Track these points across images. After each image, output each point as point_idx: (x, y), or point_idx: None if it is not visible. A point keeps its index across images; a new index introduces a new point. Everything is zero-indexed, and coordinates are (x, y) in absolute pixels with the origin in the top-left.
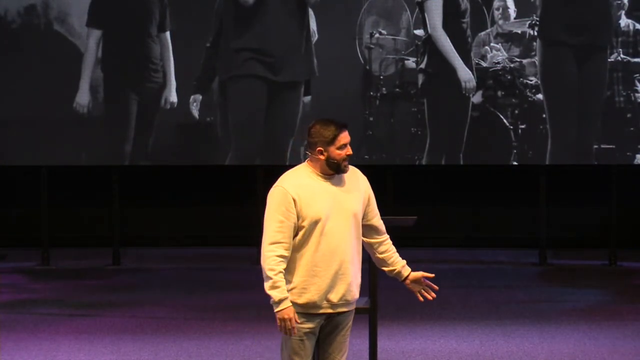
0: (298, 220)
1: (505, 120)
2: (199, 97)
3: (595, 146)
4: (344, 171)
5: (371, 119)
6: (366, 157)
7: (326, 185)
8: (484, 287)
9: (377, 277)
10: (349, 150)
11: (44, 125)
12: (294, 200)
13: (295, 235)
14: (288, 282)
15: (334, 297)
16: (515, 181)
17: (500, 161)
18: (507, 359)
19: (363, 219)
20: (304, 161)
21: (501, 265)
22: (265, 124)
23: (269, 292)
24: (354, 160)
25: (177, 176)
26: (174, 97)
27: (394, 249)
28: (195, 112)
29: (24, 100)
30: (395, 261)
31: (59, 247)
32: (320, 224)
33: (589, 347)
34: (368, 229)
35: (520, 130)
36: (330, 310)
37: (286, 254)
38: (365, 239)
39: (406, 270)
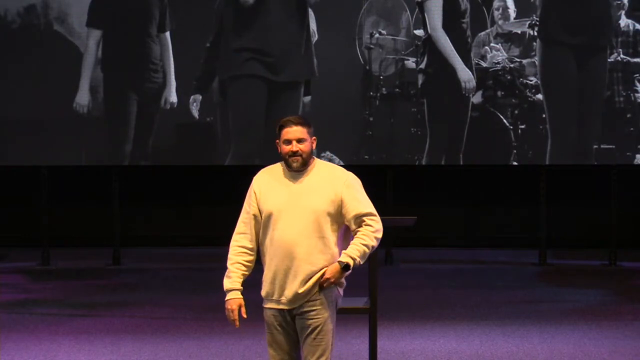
0: (259, 213)
1: (505, 120)
2: (199, 97)
3: (595, 146)
4: (292, 167)
5: (371, 119)
6: (366, 157)
7: (287, 182)
8: (484, 287)
9: (377, 277)
10: (293, 147)
11: (44, 125)
12: (255, 193)
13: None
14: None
15: (287, 292)
16: (515, 181)
17: (500, 161)
18: (507, 359)
19: (344, 218)
20: None
21: (501, 265)
22: (265, 124)
23: (224, 280)
24: (353, 161)
25: (177, 176)
26: (174, 97)
27: (357, 241)
28: (195, 112)
29: (24, 100)
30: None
31: (59, 247)
32: (273, 219)
33: (589, 347)
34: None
35: (520, 130)
36: (285, 307)
37: (250, 245)
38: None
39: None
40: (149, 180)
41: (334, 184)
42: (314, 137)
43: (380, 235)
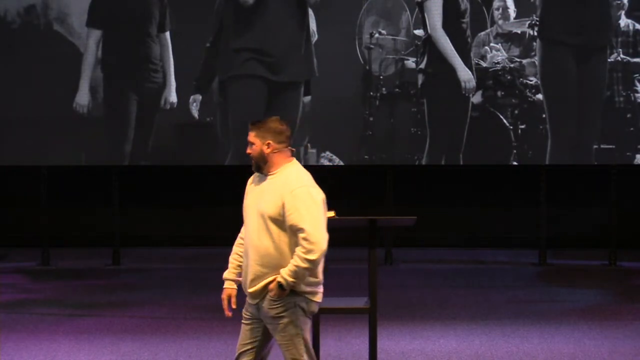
0: None
1: (505, 120)
2: (199, 97)
3: (595, 146)
4: (253, 169)
5: (371, 119)
6: (366, 157)
7: (257, 183)
8: (484, 287)
9: (377, 277)
10: (248, 149)
11: (44, 125)
12: (245, 193)
13: None
14: None
15: (247, 289)
16: (515, 181)
17: (500, 161)
18: (507, 359)
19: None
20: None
21: (501, 265)
22: None
23: None
24: (353, 161)
25: (177, 176)
26: (173, 97)
27: (291, 261)
28: (195, 112)
29: (24, 100)
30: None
31: (59, 247)
32: (244, 218)
33: (589, 347)
34: None
35: (520, 130)
36: (250, 301)
37: None
38: None
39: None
40: (149, 180)
41: (282, 190)
42: (268, 141)
43: (312, 256)
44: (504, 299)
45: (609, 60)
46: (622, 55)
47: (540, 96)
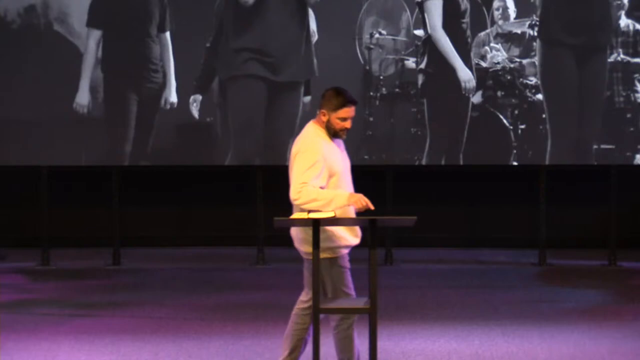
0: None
1: (505, 120)
2: (199, 97)
3: (595, 146)
4: (340, 136)
5: (371, 119)
6: (366, 157)
7: (331, 145)
8: (484, 287)
9: (377, 277)
10: (347, 124)
11: (44, 125)
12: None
13: None
14: None
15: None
16: (515, 181)
17: (500, 161)
18: (506, 359)
19: None
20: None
21: (501, 265)
22: (265, 124)
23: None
24: (353, 160)
25: (177, 176)
26: (174, 97)
27: None
28: (195, 112)
29: (24, 100)
30: None
31: (59, 247)
32: (338, 173)
33: (589, 347)
34: None
35: (520, 130)
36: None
37: None
38: None
39: None
40: (149, 180)
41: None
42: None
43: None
44: (504, 299)
45: (609, 60)
46: (622, 55)
47: (540, 96)
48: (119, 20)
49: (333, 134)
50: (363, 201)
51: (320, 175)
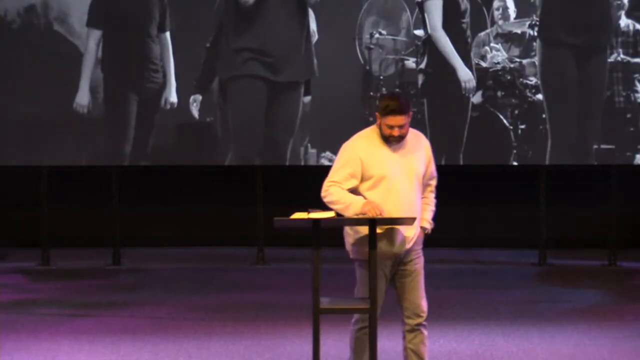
0: None
1: (505, 121)
2: (199, 97)
3: (595, 146)
4: (390, 142)
5: (371, 119)
6: None
7: (384, 149)
8: (484, 287)
9: (377, 277)
10: (394, 132)
11: (44, 125)
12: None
13: None
14: None
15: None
16: (515, 181)
17: (500, 161)
18: (506, 359)
19: None
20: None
21: (501, 265)
22: (265, 124)
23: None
24: None
25: (177, 176)
26: (174, 97)
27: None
28: (195, 112)
29: (24, 100)
30: None
31: (59, 247)
32: (388, 180)
33: (589, 347)
34: None
35: (520, 131)
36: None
37: None
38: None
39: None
40: (149, 180)
41: (423, 147)
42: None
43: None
44: (504, 299)
45: (609, 60)
46: (622, 55)
47: (540, 96)
48: (119, 20)
49: (384, 138)
50: (376, 210)
51: (349, 176)
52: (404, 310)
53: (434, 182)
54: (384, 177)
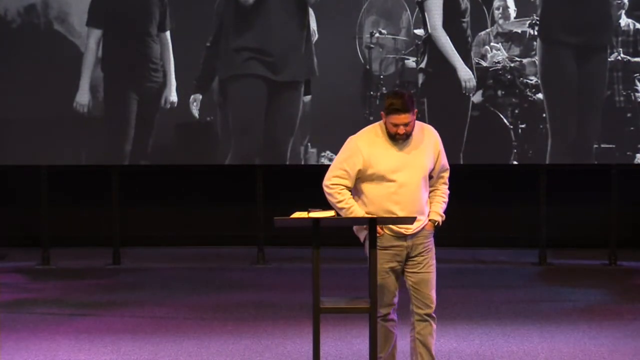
0: None
1: (505, 120)
2: (199, 96)
3: (595, 146)
4: (396, 140)
5: (371, 118)
6: None
7: (388, 147)
8: (484, 287)
9: (377, 277)
10: (399, 130)
11: (44, 125)
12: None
13: None
14: None
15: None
16: (515, 181)
17: (500, 161)
18: (507, 359)
19: None
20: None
21: (501, 265)
22: (265, 124)
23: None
24: None
25: (177, 176)
26: (174, 97)
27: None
28: (196, 112)
29: (24, 100)
30: None
31: (59, 247)
32: (390, 177)
33: (589, 346)
34: None
35: (520, 130)
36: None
37: None
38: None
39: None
40: (149, 180)
41: (433, 142)
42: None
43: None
44: (504, 298)
45: (609, 59)
46: (622, 55)
47: (540, 96)
48: (119, 19)
49: (390, 136)
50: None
51: (350, 170)
52: (414, 300)
53: (446, 174)
54: (387, 174)
